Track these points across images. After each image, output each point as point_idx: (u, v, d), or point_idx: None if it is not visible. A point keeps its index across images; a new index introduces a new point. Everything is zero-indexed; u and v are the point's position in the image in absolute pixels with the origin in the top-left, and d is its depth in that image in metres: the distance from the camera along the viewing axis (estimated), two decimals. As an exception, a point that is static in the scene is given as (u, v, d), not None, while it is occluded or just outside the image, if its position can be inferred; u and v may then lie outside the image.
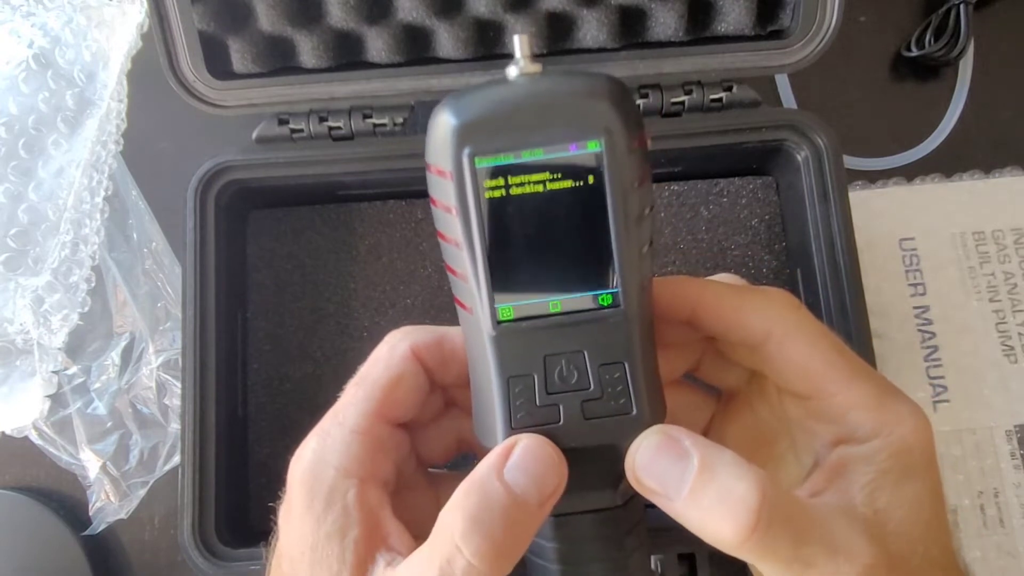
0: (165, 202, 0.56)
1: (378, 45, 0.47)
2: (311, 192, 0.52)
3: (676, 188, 0.53)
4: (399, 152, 0.48)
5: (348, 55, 0.48)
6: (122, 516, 0.52)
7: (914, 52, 0.57)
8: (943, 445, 0.51)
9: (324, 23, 0.47)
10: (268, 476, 0.50)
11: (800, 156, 0.48)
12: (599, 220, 0.25)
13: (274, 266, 0.53)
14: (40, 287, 0.51)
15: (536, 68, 0.26)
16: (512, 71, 0.26)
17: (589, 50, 0.48)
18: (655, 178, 0.51)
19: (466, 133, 0.25)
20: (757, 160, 0.52)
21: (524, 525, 0.25)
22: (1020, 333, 0.52)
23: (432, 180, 0.26)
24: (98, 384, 0.53)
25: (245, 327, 0.51)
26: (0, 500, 0.52)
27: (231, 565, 0.43)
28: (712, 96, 0.47)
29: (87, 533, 0.51)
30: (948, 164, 0.55)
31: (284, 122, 0.48)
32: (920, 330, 0.53)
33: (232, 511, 0.46)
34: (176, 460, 0.51)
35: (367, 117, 0.48)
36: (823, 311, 0.46)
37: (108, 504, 0.52)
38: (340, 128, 0.48)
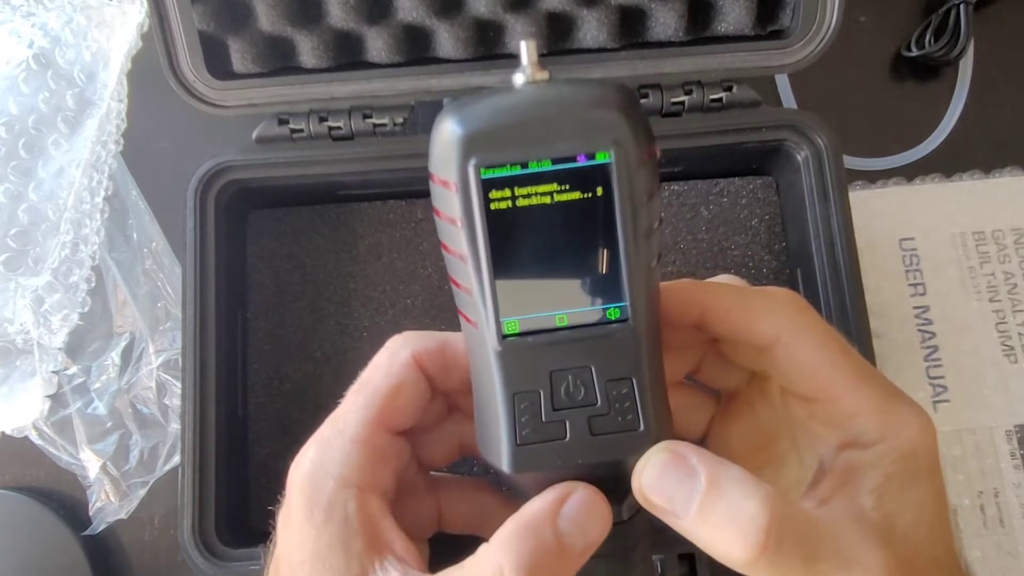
0: (165, 202, 0.56)
1: (378, 45, 0.47)
2: (311, 192, 0.52)
3: (676, 188, 0.53)
4: (399, 152, 0.48)
5: (348, 55, 0.48)
6: (122, 516, 0.52)
7: (914, 52, 0.57)
8: (943, 445, 0.51)
9: (324, 23, 0.47)
10: (268, 476, 0.50)
11: (800, 156, 0.48)
12: (607, 233, 0.24)
13: (274, 266, 0.53)
14: (40, 287, 0.51)
15: (544, 76, 0.25)
16: (519, 78, 0.25)
17: (589, 50, 0.48)
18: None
19: (471, 143, 0.24)
20: (757, 160, 0.52)
21: (564, 571, 0.25)
22: (1020, 333, 0.52)
23: (436, 191, 0.25)
24: (98, 384, 0.53)
25: (245, 327, 0.51)
26: (0, 500, 0.52)
27: (231, 565, 0.43)
28: (712, 96, 0.47)
29: (87, 533, 0.51)
30: (948, 164, 0.55)
31: (284, 122, 0.48)
32: (920, 330, 0.53)
33: (232, 511, 0.46)
34: (176, 460, 0.51)
35: (367, 117, 0.48)
36: (823, 311, 0.46)
37: (108, 504, 0.51)
38: (340, 128, 0.48)
